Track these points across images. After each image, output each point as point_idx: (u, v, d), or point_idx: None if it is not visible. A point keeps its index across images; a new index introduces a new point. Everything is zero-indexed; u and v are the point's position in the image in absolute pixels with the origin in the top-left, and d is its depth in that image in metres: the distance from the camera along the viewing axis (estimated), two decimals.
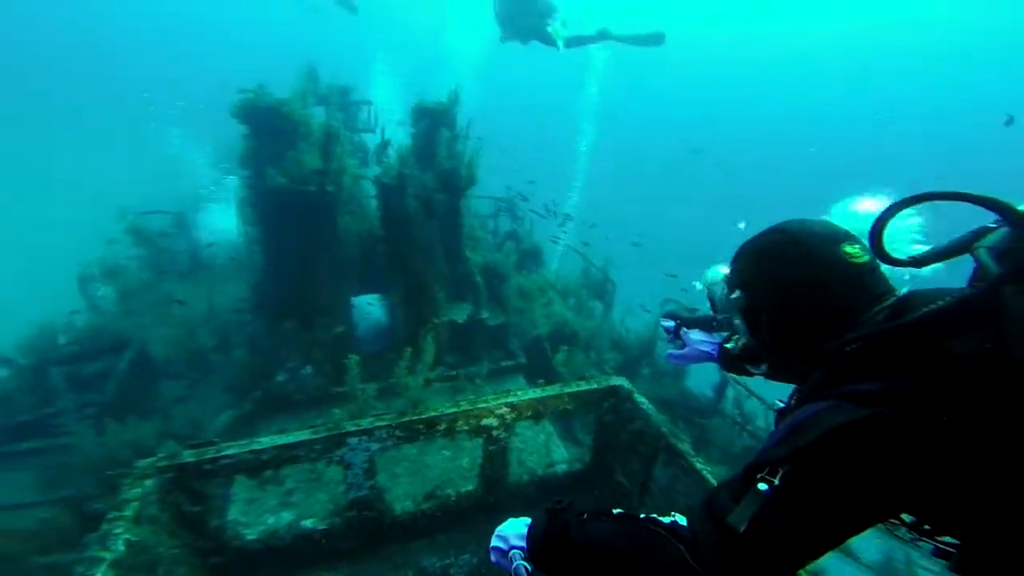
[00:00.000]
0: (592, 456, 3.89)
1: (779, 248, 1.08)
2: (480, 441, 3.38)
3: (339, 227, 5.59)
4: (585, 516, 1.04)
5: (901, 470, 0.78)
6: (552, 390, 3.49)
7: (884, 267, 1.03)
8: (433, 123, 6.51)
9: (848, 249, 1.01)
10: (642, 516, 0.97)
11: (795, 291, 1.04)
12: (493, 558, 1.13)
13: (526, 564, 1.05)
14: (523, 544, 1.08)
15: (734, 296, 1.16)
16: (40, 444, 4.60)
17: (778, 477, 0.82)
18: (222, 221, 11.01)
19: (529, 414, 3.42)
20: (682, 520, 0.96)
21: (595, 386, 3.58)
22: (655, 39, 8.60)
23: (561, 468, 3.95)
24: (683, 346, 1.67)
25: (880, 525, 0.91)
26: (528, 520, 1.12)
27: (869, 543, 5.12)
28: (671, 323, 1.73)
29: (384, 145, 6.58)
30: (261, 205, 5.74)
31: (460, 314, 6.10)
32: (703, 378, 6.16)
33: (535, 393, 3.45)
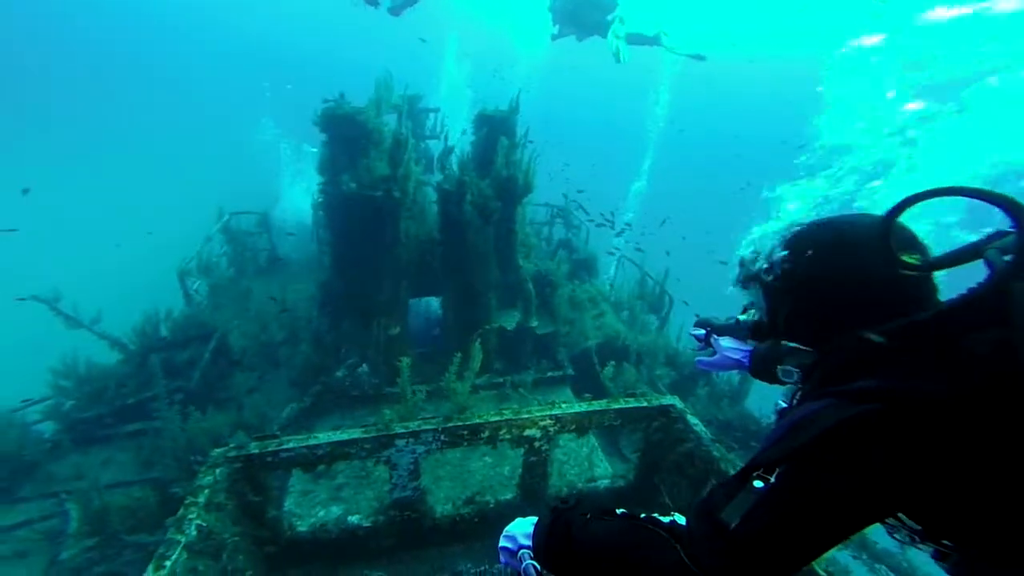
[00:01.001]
0: (637, 474, 3.74)
1: (820, 241, 1.02)
2: (522, 451, 3.37)
3: (401, 231, 5.82)
4: (588, 516, 1.04)
5: (897, 469, 0.76)
6: (598, 405, 3.40)
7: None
8: (492, 131, 6.61)
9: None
10: (643, 515, 0.98)
11: (822, 288, 1.00)
12: (503, 559, 1.13)
13: (535, 564, 1.05)
14: (530, 543, 1.08)
15: (765, 274, 1.12)
16: (141, 426, 5.19)
17: (774, 476, 0.82)
18: (301, 202, 12.23)
19: (573, 427, 3.36)
20: (681, 520, 0.96)
21: (644, 404, 3.44)
22: (698, 57, 9.15)
23: (603, 483, 3.84)
24: (714, 353, 1.63)
25: (880, 526, 0.89)
26: (535, 519, 1.13)
27: None
28: (701, 331, 1.69)
29: (447, 152, 6.79)
30: (333, 209, 6.13)
31: (510, 321, 6.12)
32: (767, 402, 5.74)
33: (581, 407, 3.38)
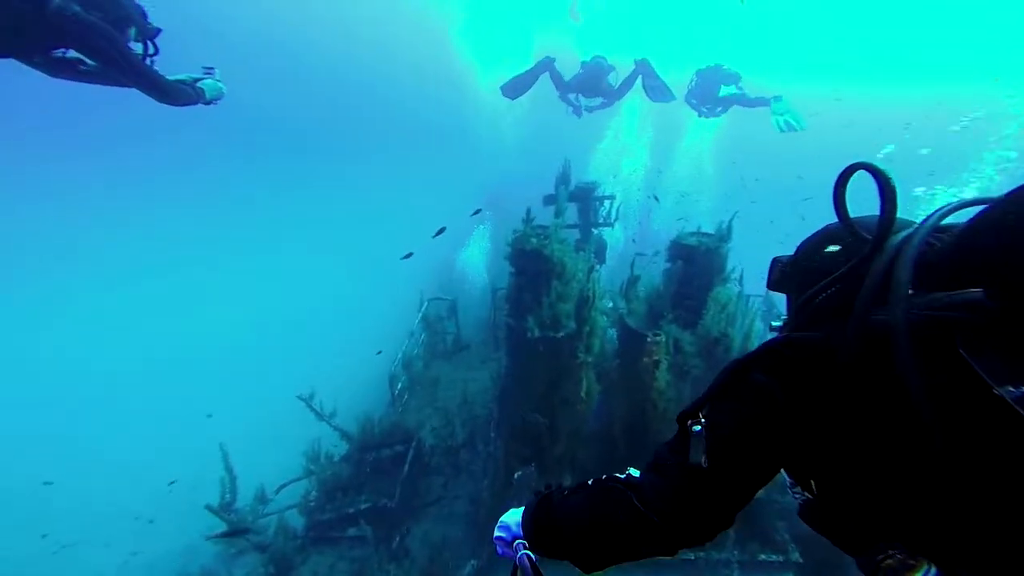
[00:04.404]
0: None
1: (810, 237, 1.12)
2: None
3: (582, 390, 5.55)
4: (566, 492, 1.09)
5: (772, 403, 0.86)
6: None
7: None
8: (692, 264, 5.85)
9: None
10: (604, 476, 1.04)
11: (803, 271, 1.07)
12: (499, 549, 1.15)
13: (529, 553, 1.06)
14: (522, 531, 1.10)
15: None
16: (358, 533, 6.02)
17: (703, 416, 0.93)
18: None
19: None
20: (635, 472, 1.01)
21: None
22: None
23: None
24: None
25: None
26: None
27: None
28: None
29: (634, 281, 6.27)
30: (516, 342, 6.22)
31: None
32: None
33: None
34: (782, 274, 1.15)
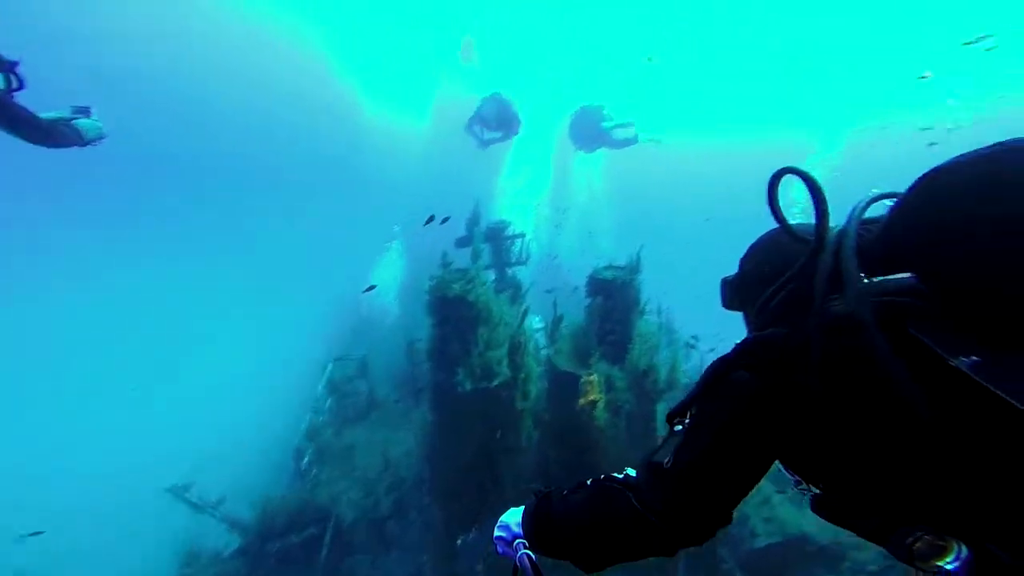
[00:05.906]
0: None
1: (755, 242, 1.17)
2: None
3: (523, 438, 5.34)
4: (565, 492, 1.09)
5: (755, 397, 0.88)
6: None
7: None
8: (610, 299, 6.06)
9: None
10: (602, 476, 1.04)
11: (751, 273, 1.12)
12: (499, 549, 1.15)
13: (529, 553, 1.06)
14: (522, 531, 1.11)
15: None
16: None
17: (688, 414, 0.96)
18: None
19: None
20: (632, 472, 1.02)
21: None
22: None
23: None
24: None
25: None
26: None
27: None
28: None
29: (558, 321, 6.32)
30: (443, 397, 5.80)
31: None
32: None
33: None
34: (733, 291, 1.15)
